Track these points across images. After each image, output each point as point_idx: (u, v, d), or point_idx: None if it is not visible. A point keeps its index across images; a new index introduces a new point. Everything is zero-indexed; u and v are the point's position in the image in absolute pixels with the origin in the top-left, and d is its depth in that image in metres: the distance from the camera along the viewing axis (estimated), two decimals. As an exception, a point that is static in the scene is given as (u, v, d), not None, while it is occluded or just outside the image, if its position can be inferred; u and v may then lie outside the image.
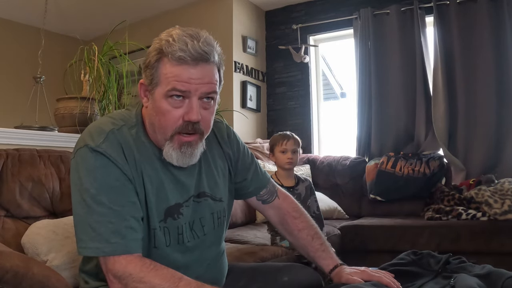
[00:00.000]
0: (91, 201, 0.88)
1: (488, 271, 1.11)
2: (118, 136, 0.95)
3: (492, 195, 2.32)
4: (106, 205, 0.88)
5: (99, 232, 0.86)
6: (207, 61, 0.93)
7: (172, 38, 0.93)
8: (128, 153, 0.95)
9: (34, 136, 2.06)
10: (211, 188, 1.08)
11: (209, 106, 0.97)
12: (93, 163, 0.91)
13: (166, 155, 0.97)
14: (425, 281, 1.14)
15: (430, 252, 1.28)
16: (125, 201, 0.90)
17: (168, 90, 0.92)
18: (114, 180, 0.90)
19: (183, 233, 1.00)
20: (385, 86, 3.28)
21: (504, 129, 2.87)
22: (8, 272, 0.89)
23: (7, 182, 1.46)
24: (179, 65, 0.92)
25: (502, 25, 2.89)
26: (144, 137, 1.00)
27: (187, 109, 0.93)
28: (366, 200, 3.09)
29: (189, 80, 0.92)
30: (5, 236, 1.37)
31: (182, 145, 0.96)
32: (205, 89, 0.94)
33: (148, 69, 0.96)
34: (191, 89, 0.92)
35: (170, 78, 0.92)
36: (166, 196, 0.99)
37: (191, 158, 0.98)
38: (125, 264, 0.86)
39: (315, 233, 1.21)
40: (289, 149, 2.06)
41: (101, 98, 2.36)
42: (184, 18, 3.87)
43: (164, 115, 0.94)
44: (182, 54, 0.91)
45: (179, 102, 0.93)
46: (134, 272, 0.85)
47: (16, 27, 4.09)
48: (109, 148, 0.92)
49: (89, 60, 2.34)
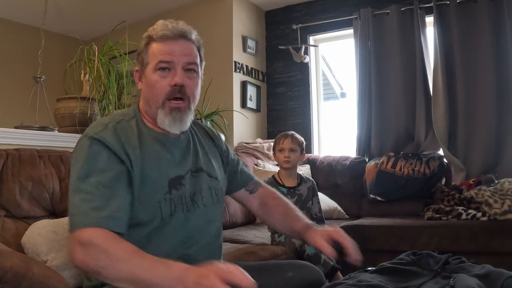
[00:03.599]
0: (80, 182, 0.96)
1: (488, 271, 1.11)
2: (116, 126, 1.07)
3: (492, 195, 2.32)
4: (93, 185, 0.95)
5: (81, 209, 0.93)
6: (186, 38, 1.12)
7: (156, 25, 1.12)
8: (125, 139, 1.05)
9: (34, 136, 2.06)
10: (207, 166, 1.20)
11: (193, 77, 1.13)
12: (88, 149, 1.01)
13: (160, 123, 1.10)
14: (424, 281, 1.14)
15: (430, 252, 1.28)
16: (111, 184, 0.97)
17: (156, 63, 1.09)
18: (104, 164, 0.99)
19: (186, 203, 1.09)
20: (385, 86, 3.28)
21: (504, 129, 2.87)
22: (8, 272, 0.89)
23: (7, 182, 1.46)
24: (163, 42, 1.10)
25: (502, 25, 2.89)
26: (142, 124, 1.13)
27: (173, 76, 1.09)
28: (366, 200, 3.09)
29: (172, 52, 1.09)
30: (5, 236, 1.38)
31: (172, 110, 1.09)
32: (187, 59, 1.10)
33: (139, 55, 1.14)
34: (174, 59, 1.09)
35: (156, 54, 1.09)
36: (167, 170, 1.09)
37: (181, 123, 1.11)
38: (92, 234, 0.90)
39: (290, 208, 1.32)
40: (286, 147, 2.06)
41: (101, 98, 2.36)
42: (184, 18, 3.81)
43: (154, 85, 1.09)
44: (164, 32, 1.09)
45: (166, 73, 1.09)
46: (98, 242, 0.89)
47: (16, 27, 4.10)
48: (106, 135, 1.03)
49: (89, 60, 2.34)
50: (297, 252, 1.85)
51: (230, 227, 2.55)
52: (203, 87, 3.61)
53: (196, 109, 3.56)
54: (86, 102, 2.27)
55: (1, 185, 1.45)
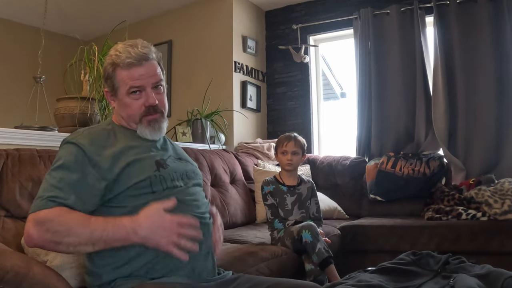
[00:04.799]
0: (48, 176, 1.10)
1: (488, 271, 1.11)
2: (91, 131, 1.21)
3: (492, 195, 2.32)
4: (57, 179, 1.07)
5: (40, 195, 1.05)
6: (148, 59, 1.24)
7: (118, 52, 1.23)
8: (100, 141, 1.18)
9: (34, 136, 2.06)
10: (186, 157, 1.37)
11: (160, 92, 1.28)
12: (63, 150, 1.14)
13: (140, 133, 1.25)
14: (424, 280, 1.15)
15: (430, 252, 1.28)
16: (73, 184, 1.07)
17: (127, 89, 1.22)
18: (73, 163, 1.10)
19: (175, 179, 1.21)
20: (385, 86, 3.28)
21: (504, 129, 2.86)
22: (9, 272, 0.89)
23: (7, 182, 1.46)
24: (130, 69, 1.22)
25: (502, 25, 2.88)
26: (118, 127, 1.28)
27: (146, 98, 1.23)
28: (366, 200, 3.09)
29: (140, 77, 1.22)
30: (5, 236, 1.38)
31: (150, 122, 1.25)
32: (153, 80, 1.25)
33: (108, 79, 1.26)
34: (143, 83, 1.23)
35: (126, 80, 1.22)
36: (151, 154, 1.23)
37: (160, 130, 1.28)
38: (47, 212, 1.01)
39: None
40: (289, 151, 2.08)
41: (101, 98, 2.36)
42: (184, 18, 3.87)
43: (129, 107, 1.24)
44: (129, 60, 1.21)
45: (138, 96, 1.24)
46: (54, 217, 1.01)
47: (16, 27, 4.09)
48: (81, 139, 1.15)
49: (89, 60, 2.34)
50: (295, 240, 1.87)
51: (230, 227, 2.55)
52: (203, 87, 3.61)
53: (196, 109, 3.57)
54: (86, 102, 2.27)
55: (1, 185, 1.45)
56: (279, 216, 2.06)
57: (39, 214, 1.01)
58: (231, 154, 3.04)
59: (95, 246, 1.03)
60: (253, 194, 2.89)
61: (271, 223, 2.06)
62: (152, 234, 1.05)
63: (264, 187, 2.10)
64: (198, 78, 3.66)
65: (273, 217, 2.05)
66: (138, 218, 1.07)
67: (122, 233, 1.04)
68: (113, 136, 1.22)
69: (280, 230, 2.00)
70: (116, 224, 1.05)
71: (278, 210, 2.07)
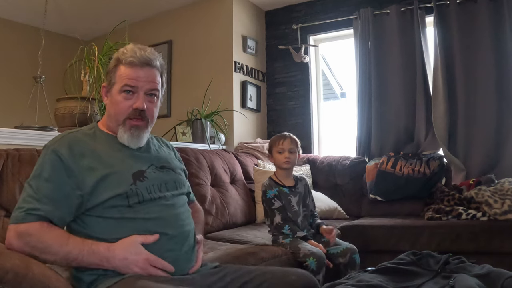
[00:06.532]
0: (27, 185, 1.12)
1: (488, 271, 1.11)
2: (70, 137, 1.21)
3: (492, 195, 2.32)
4: (35, 189, 1.10)
5: (21, 205, 1.09)
6: (151, 65, 1.25)
7: (126, 49, 1.25)
8: (79, 148, 1.18)
9: (34, 136, 2.06)
10: (169, 163, 1.34)
11: (153, 101, 1.27)
12: (43, 158, 1.15)
13: (119, 137, 1.24)
14: (424, 280, 1.15)
15: (430, 252, 1.28)
16: (50, 191, 1.10)
17: (122, 86, 1.22)
18: (50, 174, 1.12)
19: (152, 191, 1.21)
20: (385, 86, 3.28)
21: (504, 129, 2.86)
22: (9, 272, 0.89)
23: (7, 182, 1.46)
24: (130, 68, 1.22)
25: (502, 25, 2.88)
26: (100, 132, 1.28)
27: (135, 100, 1.23)
28: (366, 200, 3.09)
29: (137, 78, 1.22)
30: (5, 236, 1.37)
31: (132, 127, 1.23)
32: (149, 86, 1.24)
33: (108, 73, 1.28)
34: (139, 85, 1.23)
35: (123, 77, 1.23)
36: (129, 165, 1.22)
37: (139, 139, 1.26)
38: (27, 226, 1.06)
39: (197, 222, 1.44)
40: (286, 148, 2.07)
41: (101, 98, 2.36)
42: (184, 18, 3.87)
43: (118, 104, 1.24)
44: (132, 59, 1.22)
45: (129, 96, 1.23)
46: (34, 233, 1.06)
47: (16, 27, 4.09)
48: (60, 146, 1.16)
49: (89, 60, 2.34)
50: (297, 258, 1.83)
51: (230, 227, 2.55)
52: (203, 87, 3.60)
53: (196, 109, 3.56)
54: (86, 102, 2.27)
55: (1, 185, 1.45)
56: (290, 221, 1.99)
57: (20, 227, 1.06)
58: (231, 154, 3.04)
59: (69, 264, 1.10)
60: (253, 194, 2.89)
61: (279, 228, 1.97)
62: (123, 267, 1.08)
63: (269, 191, 2.03)
64: (198, 78, 3.66)
65: (283, 221, 1.97)
66: (114, 248, 1.09)
67: (96, 259, 1.08)
68: (92, 142, 1.22)
69: (287, 236, 1.95)
70: (92, 249, 1.08)
71: (287, 213, 2.01)
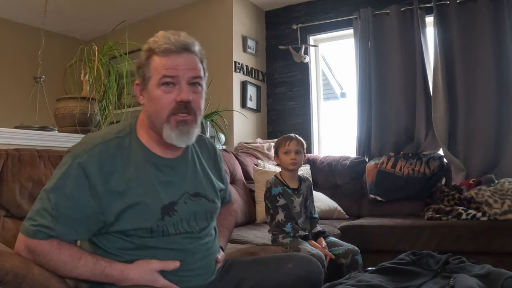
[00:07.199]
0: (45, 195, 1.00)
1: (488, 271, 1.11)
2: (102, 149, 1.04)
3: (492, 195, 2.32)
4: (53, 204, 0.98)
5: (35, 219, 0.98)
6: (189, 50, 1.08)
7: (157, 37, 1.08)
8: (108, 165, 1.03)
9: (34, 136, 2.06)
10: (205, 188, 1.19)
11: (198, 91, 1.10)
12: (67, 168, 1.01)
13: (165, 137, 1.07)
14: (424, 281, 1.14)
15: (430, 252, 1.28)
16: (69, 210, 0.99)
17: (159, 78, 1.05)
18: (72, 191, 0.99)
19: (179, 225, 1.09)
20: (385, 86, 3.28)
21: (504, 129, 2.86)
22: (9, 273, 0.89)
23: (7, 182, 1.46)
24: (166, 56, 1.06)
25: (502, 25, 2.88)
26: (137, 143, 1.10)
27: (178, 92, 1.06)
28: (366, 200, 3.09)
29: (176, 66, 1.05)
30: (5, 236, 1.37)
31: (179, 123, 1.06)
32: (191, 73, 1.08)
33: (140, 68, 1.10)
34: (179, 74, 1.06)
35: (159, 68, 1.05)
36: (161, 195, 1.07)
37: (188, 136, 1.09)
38: (37, 244, 0.97)
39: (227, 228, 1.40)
40: (292, 149, 2.06)
41: (101, 98, 2.36)
42: (184, 18, 3.87)
43: (159, 100, 1.06)
44: (167, 46, 1.05)
45: (170, 88, 1.06)
46: (42, 253, 0.97)
47: (16, 27, 4.09)
48: (89, 162, 1.01)
49: (89, 60, 2.34)
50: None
51: (230, 227, 2.55)
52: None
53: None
54: (86, 102, 2.27)
55: (1, 185, 1.45)
56: (292, 219, 1.99)
57: (29, 242, 0.98)
58: (231, 154, 3.04)
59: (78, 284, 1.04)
60: (253, 194, 2.89)
61: (281, 226, 1.98)
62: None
63: (274, 188, 2.03)
64: (198, 78, 3.65)
65: (286, 219, 1.98)
66: (128, 272, 1.01)
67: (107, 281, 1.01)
68: (126, 158, 1.06)
69: (287, 235, 1.95)
70: (105, 273, 0.99)
71: (290, 212, 2.01)
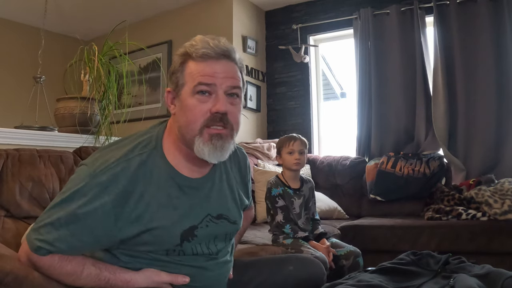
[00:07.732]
0: (58, 208, 0.91)
1: (488, 271, 1.11)
2: (124, 170, 0.93)
3: (492, 195, 2.32)
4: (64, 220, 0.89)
5: (39, 230, 0.91)
6: (229, 57, 0.98)
7: (194, 41, 0.98)
8: (130, 189, 0.93)
9: (34, 136, 2.06)
10: (228, 210, 1.10)
11: (235, 102, 0.99)
12: (83, 185, 0.91)
13: (197, 151, 0.96)
14: (424, 280, 1.14)
15: (430, 252, 1.28)
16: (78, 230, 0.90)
17: (194, 85, 0.95)
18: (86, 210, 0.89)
19: (196, 249, 1.02)
20: (385, 86, 3.28)
21: (504, 129, 2.86)
22: (9, 274, 0.89)
23: (7, 182, 1.46)
24: (203, 61, 0.95)
25: (502, 25, 2.88)
26: (162, 161, 0.99)
27: (214, 102, 0.95)
28: (366, 200, 3.09)
29: (213, 74, 0.95)
30: (5, 236, 1.37)
31: (213, 137, 0.95)
32: (230, 83, 0.96)
33: (174, 74, 0.99)
34: (216, 82, 0.95)
35: (195, 75, 0.95)
36: (182, 219, 0.99)
37: (222, 152, 0.97)
38: (38, 260, 0.92)
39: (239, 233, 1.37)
40: (296, 149, 2.05)
41: (101, 98, 2.36)
42: (184, 18, 3.87)
43: (192, 110, 0.95)
44: (205, 51, 0.95)
45: (205, 98, 0.95)
46: (43, 268, 0.92)
47: (16, 27, 4.09)
48: (109, 184, 0.91)
49: (89, 60, 2.34)
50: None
51: (230, 227, 2.55)
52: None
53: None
54: (86, 102, 2.27)
55: (1, 185, 1.45)
56: (291, 221, 1.99)
57: (31, 255, 0.92)
58: (231, 154, 3.04)
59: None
60: (253, 194, 2.89)
61: (280, 227, 1.98)
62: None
63: (274, 189, 2.03)
64: (198, 78, 3.65)
65: (285, 220, 1.98)
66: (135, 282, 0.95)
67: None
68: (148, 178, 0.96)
69: (288, 236, 1.95)
70: (109, 284, 0.94)
71: (290, 214, 2.02)
